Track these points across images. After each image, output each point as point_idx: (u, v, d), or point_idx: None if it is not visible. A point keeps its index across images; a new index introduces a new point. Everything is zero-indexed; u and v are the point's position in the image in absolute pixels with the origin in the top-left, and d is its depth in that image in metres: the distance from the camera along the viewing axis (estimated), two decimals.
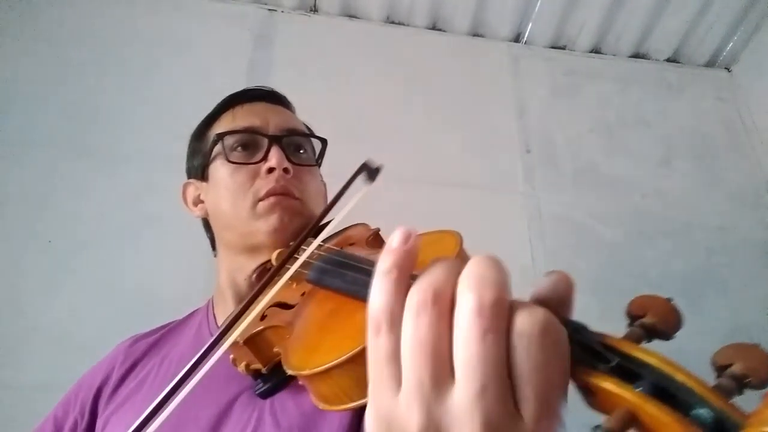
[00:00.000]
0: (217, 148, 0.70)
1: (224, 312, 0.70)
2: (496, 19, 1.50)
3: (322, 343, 0.41)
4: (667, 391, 0.23)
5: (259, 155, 0.68)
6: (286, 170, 0.67)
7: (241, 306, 0.39)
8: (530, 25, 1.51)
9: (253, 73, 1.31)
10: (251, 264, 0.66)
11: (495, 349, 0.24)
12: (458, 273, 0.26)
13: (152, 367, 0.67)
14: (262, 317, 0.51)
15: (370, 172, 0.49)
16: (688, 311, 0.27)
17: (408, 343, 0.25)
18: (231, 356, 0.53)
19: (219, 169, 0.70)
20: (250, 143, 0.70)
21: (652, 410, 0.22)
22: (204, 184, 0.74)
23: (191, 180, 0.78)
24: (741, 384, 0.23)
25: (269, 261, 0.64)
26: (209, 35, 1.35)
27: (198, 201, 0.76)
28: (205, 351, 0.35)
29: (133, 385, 0.66)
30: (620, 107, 1.51)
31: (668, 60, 1.62)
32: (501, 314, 0.24)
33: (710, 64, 1.63)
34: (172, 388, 0.33)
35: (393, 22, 1.50)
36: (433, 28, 1.52)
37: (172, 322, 0.77)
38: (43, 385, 0.74)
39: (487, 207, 1.28)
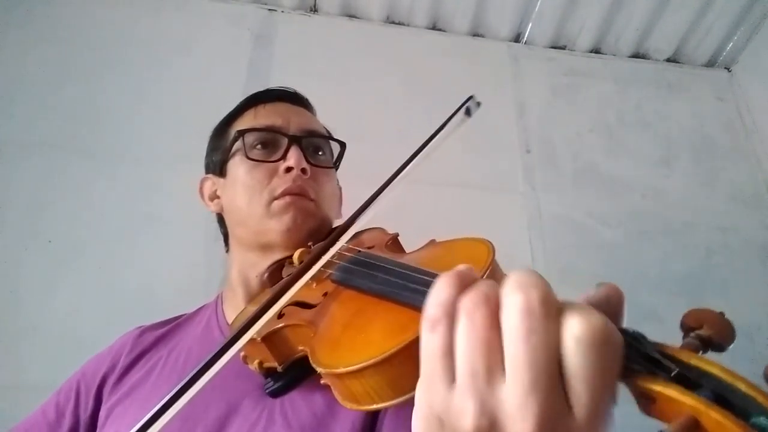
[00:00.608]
0: (237, 144, 0.71)
1: (234, 307, 0.70)
2: (496, 19, 1.50)
3: (355, 341, 0.41)
4: (726, 400, 0.23)
5: (278, 154, 0.69)
6: (303, 170, 0.68)
7: (263, 303, 0.39)
8: (530, 25, 1.51)
9: (253, 72, 1.31)
10: (263, 262, 0.67)
11: (543, 348, 0.25)
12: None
13: (159, 360, 0.67)
14: (280, 315, 0.51)
15: (471, 106, 0.48)
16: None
17: (463, 338, 0.27)
18: (242, 354, 0.53)
19: (238, 166, 0.71)
20: (270, 142, 0.71)
21: (717, 416, 0.23)
22: (221, 180, 0.75)
23: (209, 175, 0.79)
24: None
25: (282, 259, 0.65)
26: (209, 35, 1.35)
27: (214, 196, 0.77)
28: (222, 348, 0.35)
29: (138, 376, 0.66)
30: (620, 107, 1.51)
31: (668, 60, 1.61)
32: (548, 314, 0.25)
33: (710, 64, 1.63)
34: (186, 384, 0.33)
35: (393, 22, 1.50)
36: (433, 28, 1.52)
37: (181, 315, 0.77)
38: (43, 385, 0.74)
39: (487, 207, 1.28)
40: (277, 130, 0.71)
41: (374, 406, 0.36)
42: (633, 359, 0.26)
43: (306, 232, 0.66)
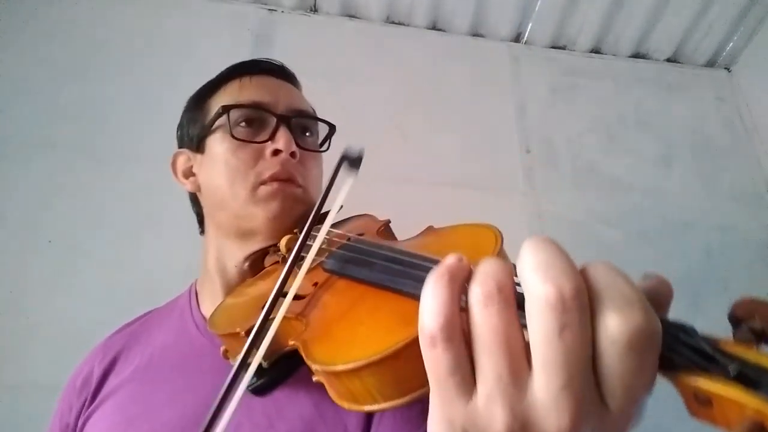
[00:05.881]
0: (221, 120, 0.66)
1: (211, 298, 0.66)
2: (496, 19, 1.50)
3: (354, 335, 0.37)
4: None
5: (265, 134, 0.65)
6: (292, 154, 0.63)
7: (264, 310, 0.38)
8: (530, 25, 1.51)
9: None
10: (242, 250, 0.63)
11: (578, 346, 0.22)
12: (512, 266, 0.25)
13: (132, 361, 0.64)
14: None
15: (351, 161, 0.44)
16: (688, 311, 0.28)
17: (480, 339, 0.24)
18: (223, 348, 0.50)
19: (219, 143, 0.66)
20: (256, 119, 0.65)
21: None
22: (199, 155, 0.69)
23: (184, 149, 0.73)
24: None
25: (265, 248, 0.62)
26: (209, 35, 1.35)
27: (189, 173, 0.72)
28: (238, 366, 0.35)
29: (115, 383, 0.63)
30: (620, 107, 1.51)
31: (668, 60, 1.62)
32: (581, 306, 0.22)
33: (710, 64, 1.63)
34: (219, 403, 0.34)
35: (393, 22, 1.50)
36: (433, 28, 1.52)
37: (149, 312, 0.75)
38: (43, 385, 0.74)
39: (487, 207, 1.28)
40: (265, 107, 0.65)
41: (376, 407, 0.32)
42: (686, 357, 0.23)
43: (293, 219, 0.62)
